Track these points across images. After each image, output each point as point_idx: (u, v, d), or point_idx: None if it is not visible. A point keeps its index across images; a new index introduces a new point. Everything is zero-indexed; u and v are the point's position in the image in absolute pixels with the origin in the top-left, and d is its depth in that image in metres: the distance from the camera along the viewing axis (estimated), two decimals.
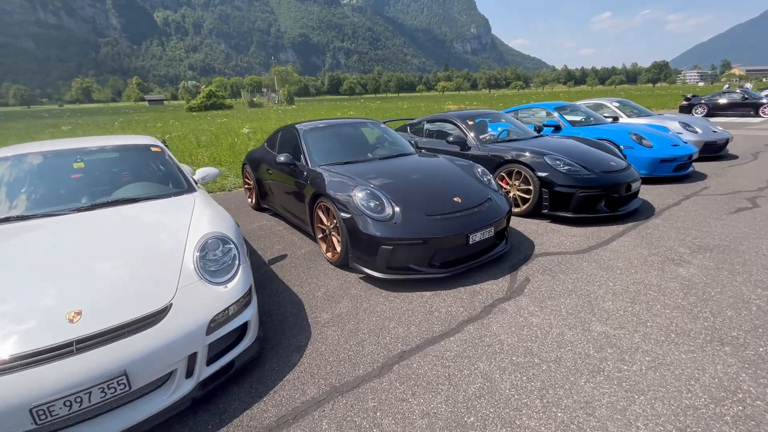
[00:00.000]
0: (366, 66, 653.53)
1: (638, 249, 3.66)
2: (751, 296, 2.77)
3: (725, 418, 1.77)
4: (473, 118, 5.65)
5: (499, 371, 2.13)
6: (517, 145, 4.90)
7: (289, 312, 2.85)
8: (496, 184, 4.82)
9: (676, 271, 3.18)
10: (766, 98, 16.59)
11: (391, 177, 3.58)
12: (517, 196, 4.71)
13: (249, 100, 48.51)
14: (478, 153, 5.08)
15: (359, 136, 4.68)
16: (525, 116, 7.91)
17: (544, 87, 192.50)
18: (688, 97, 18.60)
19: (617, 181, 4.31)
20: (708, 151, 7.59)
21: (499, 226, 3.35)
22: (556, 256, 3.58)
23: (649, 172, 5.99)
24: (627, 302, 2.76)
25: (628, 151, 6.06)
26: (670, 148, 6.05)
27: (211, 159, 9.90)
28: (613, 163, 4.56)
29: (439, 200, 3.26)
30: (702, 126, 7.82)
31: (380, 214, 3.04)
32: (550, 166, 4.35)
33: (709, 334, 2.37)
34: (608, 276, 3.16)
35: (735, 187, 5.69)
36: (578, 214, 4.29)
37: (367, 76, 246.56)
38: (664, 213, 4.66)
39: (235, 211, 5.65)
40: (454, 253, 3.14)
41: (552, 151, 4.57)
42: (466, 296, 2.93)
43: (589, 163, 4.45)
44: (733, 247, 3.62)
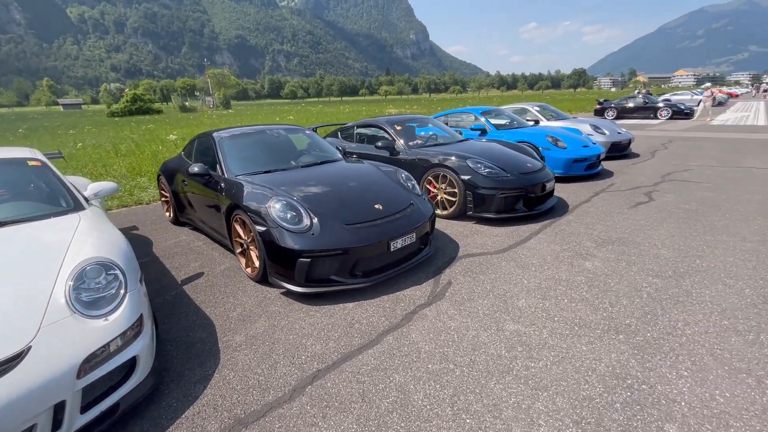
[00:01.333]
0: (308, 69, 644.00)
1: (552, 245, 3.89)
2: (643, 284, 3.03)
3: (615, 405, 1.88)
4: (401, 123, 5.70)
5: (414, 381, 2.10)
6: (442, 150, 5.02)
7: (198, 337, 2.61)
8: (424, 188, 4.92)
9: (582, 265, 3.42)
10: (662, 103, 18.84)
11: (312, 186, 3.47)
12: (444, 199, 4.82)
13: (180, 104, 45.44)
14: (407, 158, 5.13)
15: (282, 143, 4.50)
16: (456, 120, 8.18)
17: (480, 92, 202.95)
18: (601, 102, 20.58)
19: (533, 182, 4.57)
20: (614, 150, 8.39)
21: (421, 231, 3.37)
22: (478, 257, 3.69)
23: (564, 171, 6.46)
24: (538, 299, 2.90)
25: (546, 152, 6.49)
26: (581, 149, 6.59)
27: (130, 169, 9.06)
28: (530, 165, 4.83)
29: (360, 208, 3.21)
30: (609, 128, 8.64)
31: (297, 225, 2.91)
32: (472, 170, 4.50)
33: (607, 324, 2.55)
34: (523, 274, 3.30)
35: (636, 183, 6.32)
36: (500, 215, 4.48)
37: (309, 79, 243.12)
38: (576, 210, 5.03)
39: (150, 226, 5.17)
40: (377, 261, 3.09)
41: (474, 155, 4.73)
42: (388, 305, 2.90)
43: (507, 165, 4.67)
44: (631, 238, 3.98)
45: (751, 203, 5.01)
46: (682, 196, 5.49)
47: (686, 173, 6.93)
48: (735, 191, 5.63)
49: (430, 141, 5.63)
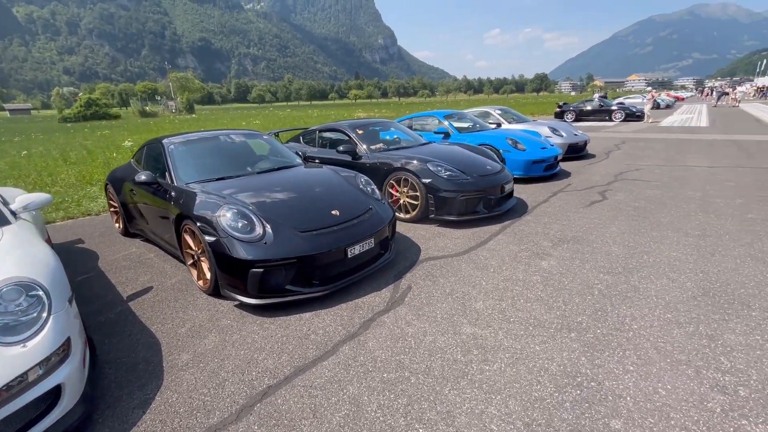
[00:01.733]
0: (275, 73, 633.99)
1: (510, 246, 3.96)
2: (595, 281, 3.13)
3: (565, 404, 1.90)
4: (363, 127, 5.67)
5: (368, 392, 2.04)
6: (404, 153, 5.02)
7: (141, 357, 2.44)
8: (386, 192, 4.89)
9: (539, 265, 3.49)
10: (616, 106, 19.88)
11: (267, 192, 3.36)
12: (407, 202, 4.81)
13: (140, 109, 43.44)
14: (369, 162, 5.09)
15: (238, 149, 4.35)
16: (420, 123, 8.24)
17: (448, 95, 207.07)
18: (561, 105, 21.45)
19: (493, 184, 4.64)
20: (572, 151, 8.73)
21: (380, 236, 3.33)
22: (439, 260, 3.69)
23: (524, 172, 6.64)
24: (496, 300, 2.92)
25: (506, 154, 6.64)
26: (539, 150, 6.79)
27: (80, 178, 8.52)
28: (489, 167, 4.92)
29: (316, 215, 3.13)
30: (566, 130, 8.98)
31: (249, 234, 2.80)
32: (433, 173, 4.52)
33: (560, 322, 2.60)
34: (482, 276, 3.33)
35: (591, 183, 6.58)
36: (461, 217, 4.52)
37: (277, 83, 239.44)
38: (535, 210, 5.17)
39: (98, 239, 4.85)
40: (334, 269, 3.02)
41: (435, 158, 4.76)
42: (346, 313, 2.83)
43: (467, 167, 4.73)
44: (585, 237, 4.12)
45: (692, 200, 5.33)
46: (633, 194, 5.76)
47: (637, 172, 7.30)
48: (679, 189, 5.97)
49: (393, 145, 5.62)
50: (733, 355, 2.20)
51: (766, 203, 5.03)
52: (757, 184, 6.06)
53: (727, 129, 14.67)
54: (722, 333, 2.40)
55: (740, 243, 3.78)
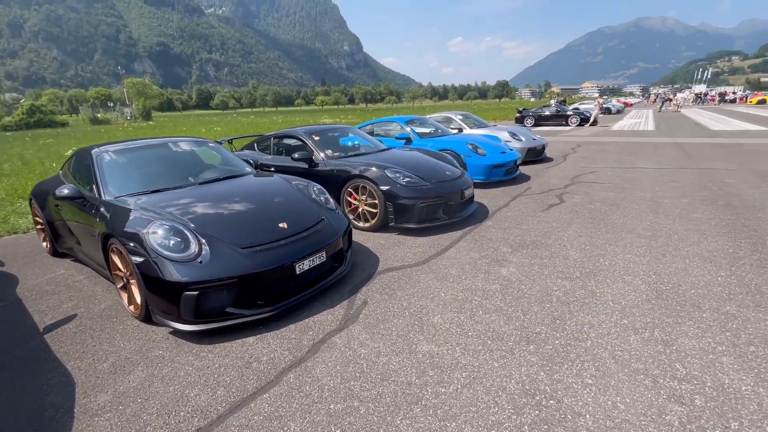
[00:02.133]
0: (239, 79, 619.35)
1: (471, 253, 3.87)
2: (554, 288, 3.07)
3: (524, 428, 1.78)
4: (320, 133, 5.46)
5: (312, 428, 1.83)
6: (362, 160, 4.85)
7: (49, 402, 2.10)
8: (344, 200, 4.70)
9: (498, 272, 3.41)
10: (571, 111, 20.77)
11: (208, 205, 3.08)
12: (366, 211, 4.64)
13: (91, 116, 40.83)
14: (326, 169, 4.89)
15: (181, 158, 4.02)
16: (383, 129, 8.12)
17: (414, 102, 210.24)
18: (521, 110, 22.16)
19: (452, 189, 4.56)
20: (531, 155, 8.91)
21: (333, 249, 3.13)
22: (397, 271, 3.53)
23: (485, 177, 6.66)
24: (454, 312, 2.79)
25: (467, 159, 6.64)
26: (499, 155, 6.84)
27: (11, 191, 7.73)
28: (449, 173, 4.84)
29: (261, 228, 2.89)
30: (525, 135, 9.17)
31: (182, 252, 2.52)
32: (391, 180, 4.38)
33: (518, 334, 2.50)
34: (441, 286, 3.20)
35: (549, 186, 6.69)
36: (421, 225, 4.40)
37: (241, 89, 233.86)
38: (496, 215, 5.14)
39: (22, 260, 4.33)
40: (282, 287, 2.79)
41: (393, 165, 4.63)
42: (295, 335, 2.60)
43: (426, 173, 4.63)
44: (544, 241, 4.10)
45: (643, 201, 5.50)
46: (588, 196, 5.88)
47: (592, 175, 7.52)
48: (631, 190, 6.17)
49: (352, 151, 5.45)
50: (688, 360, 2.17)
51: (709, 203, 5.27)
52: (699, 184, 6.38)
53: (670, 132, 15.64)
54: (676, 337, 2.38)
55: (688, 242, 3.88)
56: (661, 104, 35.45)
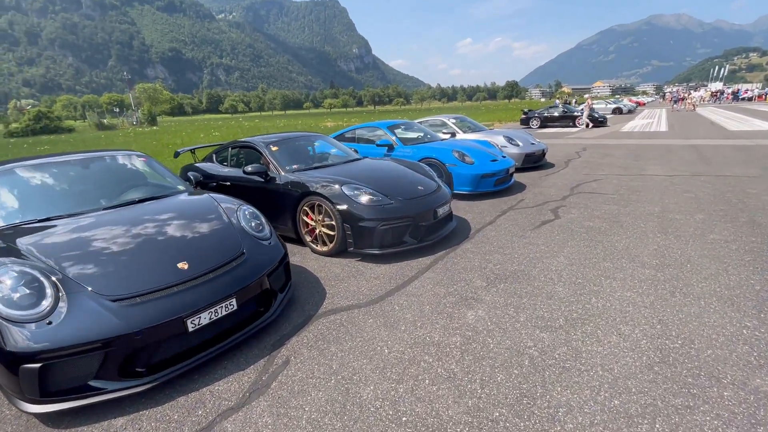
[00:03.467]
0: (249, 83, 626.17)
1: (437, 288, 3.22)
2: (528, 342, 2.41)
3: None
4: (281, 142, 4.86)
5: None
6: (322, 174, 4.25)
7: None
8: (300, 220, 4.11)
9: (464, 317, 2.76)
10: (579, 112, 19.89)
11: (102, 238, 2.49)
12: (323, 233, 4.03)
13: (96, 121, 41.12)
14: (281, 184, 4.29)
15: (97, 177, 3.45)
16: (367, 135, 7.50)
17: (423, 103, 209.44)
18: (526, 111, 21.35)
19: (423, 208, 3.92)
20: (529, 161, 8.20)
21: (251, 292, 2.52)
22: (343, 314, 2.91)
23: (472, 188, 5.99)
24: (392, 382, 2.15)
25: (452, 168, 5.98)
26: (489, 163, 6.17)
27: None
28: (421, 188, 4.20)
29: (153, 270, 2.29)
30: (523, 139, 8.47)
31: (29, 310, 1.93)
32: (348, 198, 3.76)
33: (468, 421, 1.85)
34: (389, 338, 2.56)
35: (545, 198, 5.99)
36: (384, 250, 3.77)
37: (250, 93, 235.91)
38: (477, 235, 4.48)
39: None
40: (172, 347, 2.19)
41: (354, 179, 4.01)
42: (178, 415, 2.00)
43: (392, 189, 4.00)
44: (528, 271, 3.43)
45: (650, 217, 4.78)
46: (588, 210, 5.17)
47: (594, 183, 6.79)
48: (637, 203, 5.44)
49: (318, 162, 4.85)
50: None
51: (728, 220, 4.53)
52: (716, 196, 5.61)
53: (684, 134, 14.70)
54: None
55: (704, 275, 3.18)
56: (674, 102, 34.08)
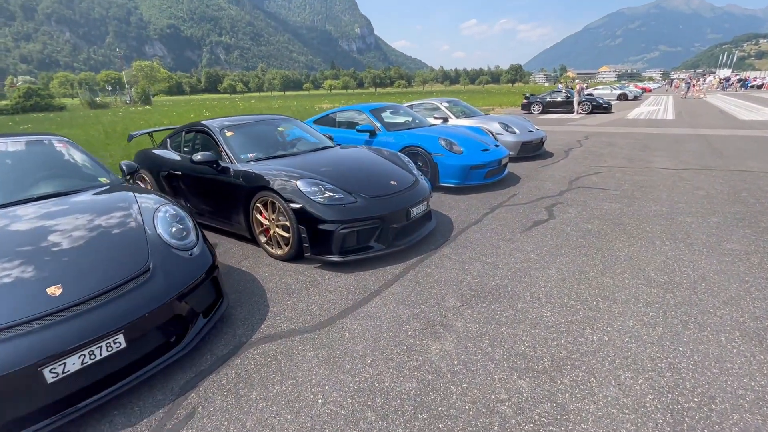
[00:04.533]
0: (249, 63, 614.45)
1: (401, 308, 2.69)
2: (502, 394, 1.89)
3: None
4: (238, 126, 4.26)
5: None
6: (279, 165, 3.66)
7: None
8: (254, 219, 3.56)
9: (426, 352, 2.22)
10: (583, 97, 19.04)
11: None
12: (278, 235, 3.47)
13: (88, 99, 40.02)
14: (233, 175, 3.71)
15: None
16: (347, 119, 6.87)
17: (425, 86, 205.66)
18: (528, 96, 20.50)
19: (392, 208, 3.34)
20: (526, 151, 7.58)
21: (150, 323, 1.98)
22: (281, 342, 2.38)
23: (460, 181, 5.40)
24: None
25: (439, 158, 5.38)
26: (479, 153, 5.56)
27: None
28: (394, 183, 3.62)
29: (7, 298, 1.74)
30: (520, 126, 7.82)
31: None
32: (304, 195, 3.18)
33: None
34: (328, 379, 2.04)
35: (540, 193, 5.41)
36: (346, 257, 3.22)
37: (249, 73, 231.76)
38: (459, 237, 3.92)
39: None
40: (25, 404, 1.66)
41: (315, 173, 3.43)
42: None
43: (359, 185, 3.42)
44: (511, 287, 2.89)
45: (657, 218, 4.21)
46: (587, 209, 4.60)
47: (596, 177, 6.19)
48: (642, 200, 4.87)
49: (281, 150, 4.26)
50: None
51: (746, 225, 3.96)
52: (731, 195, 5.03)
53: (693, 122, 13.96)
54: None
55: (722, 299, 2.63)
56: (686, 89, 32.85)
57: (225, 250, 3.83)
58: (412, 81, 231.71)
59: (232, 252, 3.78)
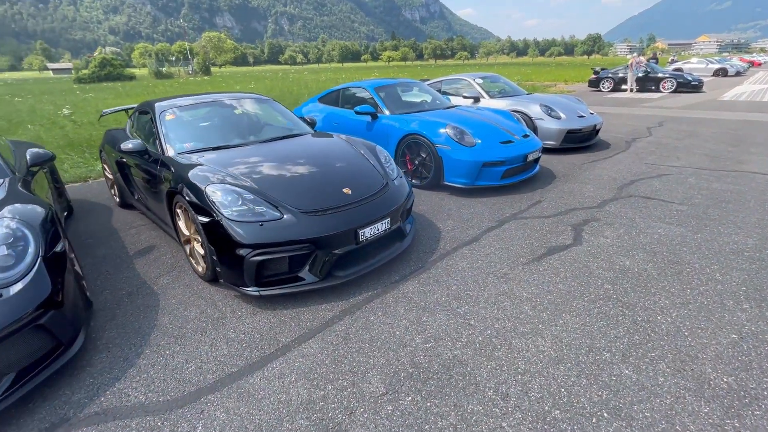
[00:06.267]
0: (311, 33, 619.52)
1: (299, 385, 1.87)
2: None
3: None
4: (189, 107, 3.56)
5: None
6: (210, 160, 2.92)
7: None
8: (177, 226, 2.89)
9: None
10: (667, 73, 16.04)
11: None
12: (196, 250, 2.77)
13: (155, 70, 42.44)
14: (158, 169, 3.05)
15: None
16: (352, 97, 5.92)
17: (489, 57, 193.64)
18: (597, 71, 17.82)
19: (330, 229, 2.45)
20: (571, 140, 6.15)
21: None
22: (106, 426, 1.70)
23: (470, 180, 4.31)
24: None
25: (444, 152, 4.32)
26: (497, 146, 4.38)
27: None
28: (348, 191, 2.71)
29: None
30: (568, 109, 6.35)
31: None
32: (212, 205, 2.42)
33: None
34: None
35: (574, 201, 4.17)
36: (265, 290, 2.44)
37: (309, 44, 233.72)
38: (440, 264, 2.96)
39: None
40: None
41: (244, 174, 2.65)
42: None
43: (294, 194, 2.57)
44: (472, 367, 1.94)
45: (738, 257, 2.90)
46: (631, 233, 3.36)
47: (658, 182, 4.74)
48: (719, 223, 3.49)
49: (238, 139, 3.50)
50: None
51: None
52: None
53: None
54: None
55: None
56: None
57: (155, 258, 3.23)
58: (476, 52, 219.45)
59: (160, 262, 3.17)
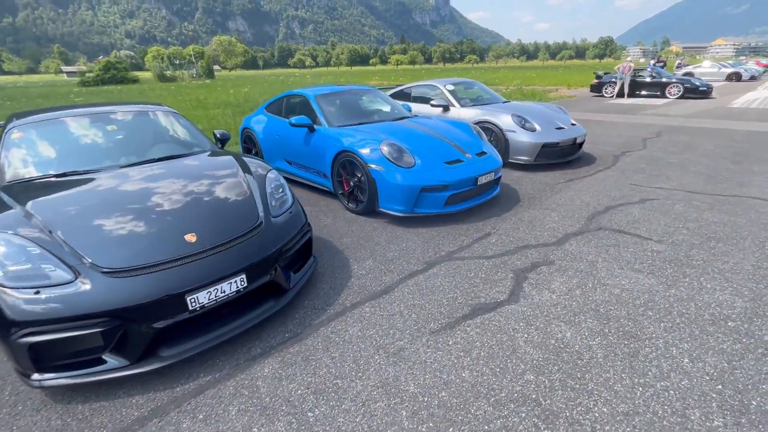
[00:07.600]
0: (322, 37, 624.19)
1: None
2: None
3: None
4: (31, 123, 2.95)
5: None
6: None
7: None
8: None
9: None
10: (674, 78, 15.13)
11: None
12: None
13: (158, 73, 42.54)
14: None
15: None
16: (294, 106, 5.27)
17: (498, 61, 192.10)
18: (599, 75, 16.97)
19: (146, 296, 1.80)
20: (548, 156, 5.42)
21: None
22: None
23: (405, 208, 3.62)
24: None
25: (378, 172, 3.65)
26: (441, 167, 3.69)
27: None
28: (191, 238, 2.05)
29: None
30: (545, 120, 5.62)
31: None
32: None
33: None
34: None
35: (529, 236, 3.46)
36: (51, 380, 1.79)
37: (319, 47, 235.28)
38: (324, 329, 2.28)
39: None
40: None
41: (37, 216, 2.01)
42: None
43: (109, 243, 1.92)
44: None
45: (719, 330, 2.16)
46: (585, 287, 2.64)
47: (638, 209, 4.00)
48: (701, 275, 2.75)
49: (89, 164, 2.89)
50: None
51: None
52: None
53: None
54: None
55: None
56: None
57: None
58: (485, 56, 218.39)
59: None
